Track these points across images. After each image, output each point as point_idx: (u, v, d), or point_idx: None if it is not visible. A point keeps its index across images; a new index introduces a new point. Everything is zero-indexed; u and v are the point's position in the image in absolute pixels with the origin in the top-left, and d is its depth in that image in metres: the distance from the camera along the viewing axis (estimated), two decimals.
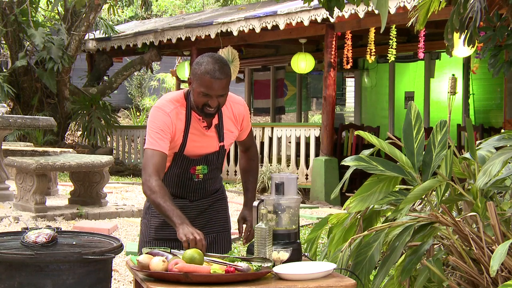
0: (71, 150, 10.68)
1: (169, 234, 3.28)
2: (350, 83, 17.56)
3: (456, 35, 4.01)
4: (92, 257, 2.79)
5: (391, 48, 10.18)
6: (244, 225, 3.38)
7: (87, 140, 14.70)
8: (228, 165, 12.57)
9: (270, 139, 12.17)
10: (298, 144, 11.83)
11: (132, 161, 14.70)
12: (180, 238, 2.87)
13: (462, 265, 2.95)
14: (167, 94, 3.32)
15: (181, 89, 18.68)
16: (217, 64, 3.08)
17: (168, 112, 3.18)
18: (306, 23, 10.53)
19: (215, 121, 3.26)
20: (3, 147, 9.52)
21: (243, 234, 3.37)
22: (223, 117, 3.28)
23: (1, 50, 17.73)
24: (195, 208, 3.36)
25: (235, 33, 11.88)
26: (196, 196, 3.35)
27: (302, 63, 12.30)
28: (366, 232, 3.15)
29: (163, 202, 3.01)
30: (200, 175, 3.30)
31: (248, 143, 3.52)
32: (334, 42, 10.94)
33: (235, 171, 12.51)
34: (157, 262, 2.71)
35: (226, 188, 3.64)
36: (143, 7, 16.85)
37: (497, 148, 3.31)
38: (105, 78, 16.87)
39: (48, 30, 14.97)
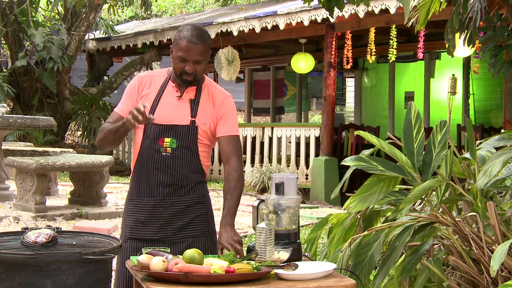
0: (71, 150, 10.68)
1: (144, 234, 3.27)
2: (350, 83, 17.55)
3: (456, 35, 4.01)
4: (92, 257, 2.79)
5: (391, 48, 10.19)
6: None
7: (87, 140, 14.69)
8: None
9: (270, 139, 12.17)
10: (298, 144, 11.83)
11: None
12: (128, 122, 3.10)
13: (462, 265, 2.95)
14: None
15: None
16: (195, 31, 3.22)
17: (141, 76, 3.37)
18: (306, 23, 10.53)
19: (191, 95, 3.29)
20: (3, 147, 9.52)
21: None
22: (200, 95, 3.31)
23: (1, 50, 17.72)
24: (169, 207, 3.26)
25: (235, 33, 11.87)
26: (164, 178, 3.24)
27: (302, 63, 12.30)
28: (366, 232, 3.15)
29: (110, 125, 3.27)
30: (168, 148, 3.24)
31: (227, 151, 3.30)
32: (334, 42, 10.93)
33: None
34: (157, 262, 2.71)
35: (209, 185, 3.59)
36: (143, 7, 16.84)
37: (497, 148, 3.31)
38: (105, 78, 16.86)
39: (48, 30, 14.96)
